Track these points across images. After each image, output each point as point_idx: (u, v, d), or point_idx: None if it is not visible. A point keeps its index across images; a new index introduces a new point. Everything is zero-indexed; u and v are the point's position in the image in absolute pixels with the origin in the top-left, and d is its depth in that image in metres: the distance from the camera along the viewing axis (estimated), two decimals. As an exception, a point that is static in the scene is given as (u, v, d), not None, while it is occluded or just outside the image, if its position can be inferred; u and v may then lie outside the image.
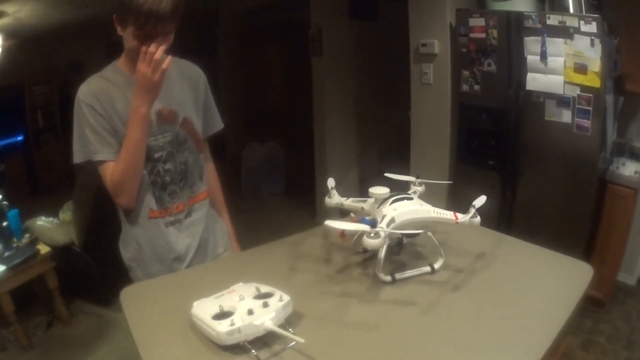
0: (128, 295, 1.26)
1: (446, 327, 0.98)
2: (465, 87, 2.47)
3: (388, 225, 1.08)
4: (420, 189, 1.37)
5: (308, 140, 4.06)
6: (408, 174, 1.40)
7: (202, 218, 1.50)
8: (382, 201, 1.19)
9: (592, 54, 2.04)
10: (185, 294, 1.07)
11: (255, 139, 5.07)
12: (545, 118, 2.25)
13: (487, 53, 2.37)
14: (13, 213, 2.87)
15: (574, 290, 1.07)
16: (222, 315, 0.97)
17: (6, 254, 2.75)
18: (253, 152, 4.97)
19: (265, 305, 0.98)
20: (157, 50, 1.19)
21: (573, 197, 2.25)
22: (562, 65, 2.14)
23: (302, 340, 0.90)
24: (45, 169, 5.72)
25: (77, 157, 1.31)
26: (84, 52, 5.20)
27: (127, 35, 1.24)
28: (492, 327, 0.96)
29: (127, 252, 1.47)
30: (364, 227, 1.00)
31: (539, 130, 2.30)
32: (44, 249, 2.88)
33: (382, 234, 1.00)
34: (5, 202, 2.70)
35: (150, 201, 1.39)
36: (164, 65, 1.22)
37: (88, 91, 1.28)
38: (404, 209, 1.14)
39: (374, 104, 3.96)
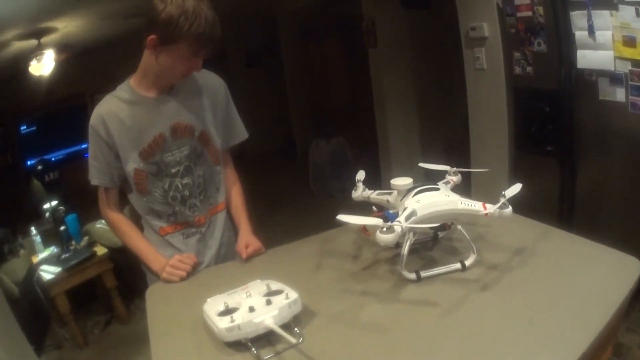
0: (152, 293, 1.34)
1: (465, 331, 0.91)
2: (518, 70, 2.35)
3: (408, 218, 1.01)
4: (455, 178, 1.28)
5: (373, 134, 4.07)
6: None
7: (220, 229, 1.53)
8: (406, 193, 1.12)
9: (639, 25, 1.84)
10: (205, 291, 1.08)
11: (322, 136, 5.08)
12: (600, 98, 2.08)
13: (535, 32, 2.24)
14: (71, 217, 3.06)
15: (618, 290, 0.95)
16: (227, 312, 0.98)
17: (63, 256, 2.91)
18: (319, 149, 5.00)
19: (269, 302, 0.96)
20: (194, 260, 1.34)
21: (635, 183, 2.06)
22: (611, 39, 1.96)
23: (293, 341, 0.88)
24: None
25: (93, 178, 1.40)
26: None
27: (165, 57, 1.24)
28: (518, 332, 0.88)
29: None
30: (377, 221, 0.93)
31: (594, 112, 2.14)
32: (100, 250, 3.05)
33: (398, 229, 0.92)
34: (61, 208, 2.85)
35: (164, 217, 1.44)
36: (192, 258, 1.36)
37: (96, 114, 1.33)
38: (427, 200, 1.06)
39: (436, 94, 3.88)
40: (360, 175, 1.36)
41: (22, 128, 4.33)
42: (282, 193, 5.31)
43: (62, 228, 2.99)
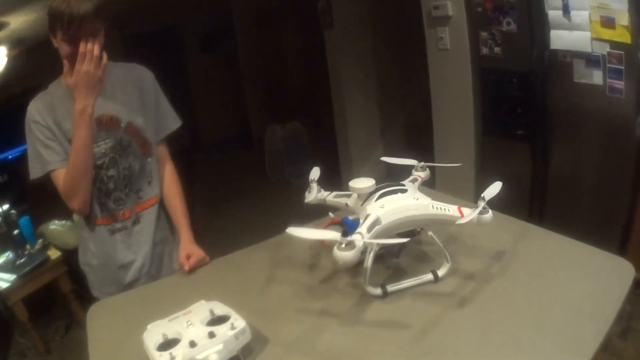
0: (93, 314, 1.19)
1: (441, 357, 0.75)
2: (485, 50, 2.22)
3: (370, 228, 0.85)
4: (423, 174, 1.13)
5: (331, 118, 3.91)
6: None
7: (151, 225, 1.46)
8: (367, 196, 0.96)
9: (619, 5, 1.76)
10: (148, 312, 0.97)
11: (277, 121, 4.87)
12: (575, 80, 1.98)
13: (505, 11, 2.11)
14: (24, 220, 2.82)
15: (612, 301, 0.81)
16: (166, 344, 0.84)
17: (18, 262, 2.69)
18: (275, 135, 4.78)
19: (212, 335, 0.80)
20: (95, 47, 1.23)
21: (610, 168, 2.01)
22: (587, 19, 1.84)
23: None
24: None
25: (34, 173, 1.35)
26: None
27: (60, 44, 1.26)
28: (502, 356, 0.73)
29: (81, 256, 1.50)
30: (334, 236, 0.77)
31: (569, 94, 2.04)
32: (54, 254, 2.84)
33: (359, 244, 0.77)
34: (13, 211, 2.62)
35: (95, 208, 1.39)
36: (104, 60, 1.25)
37: (33, 108, 1.33)
38: (393, 205, 0.91)
39: (397, 76, 3.74)
40: (314, 173, 1.18)
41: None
42: (239, 181, 5.06)
43: (15, 232, 2.77)
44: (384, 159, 1.22)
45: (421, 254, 1.09)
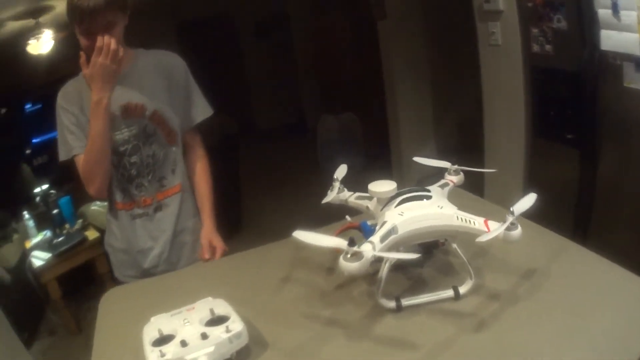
0: (106, 301, 1.23)
1: None
2: (536, 48, 2.09)
3: (385, 237, 0.79)
4: (456, 179, 1.05)
5: (383, 110, 3.85)
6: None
7: (173, 213, 1.48)
8: (388, 201, 0.90)
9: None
10: (158, 303, 0.97)
11: (330, 111, 4.87)
12: (625, 84, 1.82)
13: (555, 7, 1.97)
14: (65, 200, 2.94)
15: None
16: (161, 340, 0.83)
17: (55, 241, 2.81)
18: (328, 125, 4.79)
19: (205, 336, 0.77)
20: (111, 41, 1.25)
21: None
22: (636, 20, 1.68)
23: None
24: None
25: (60, 156, 1.41)
26: (153, 35, 5.35)
27: (78, 36, 1.30)
28: None
29: (106, 237, 1.55)
30: (339, 244, 0.72)
31: (619, 99, 1.87)
32: (92, 234, 2.93)
33: (368, 255, 0.71)
34: (52, 191, 2.73)
35: (117, 193, 1.44)
36: (120, 53, 1.27)
37: (61, 95, 1.40)
38: (414, 213, 0.84)
39: (450, 70, 3.63)
40: (340, 171, 1.13)
41: (26, 107, 4.25)
42: (291, 168, 5.05)
43: (54, 212, 2.88)
44: (416, 159, 1.15)
45: (446, 266, 1.02)
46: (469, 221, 0.82)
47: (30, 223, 2.92)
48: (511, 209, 0.78)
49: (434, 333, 0.81)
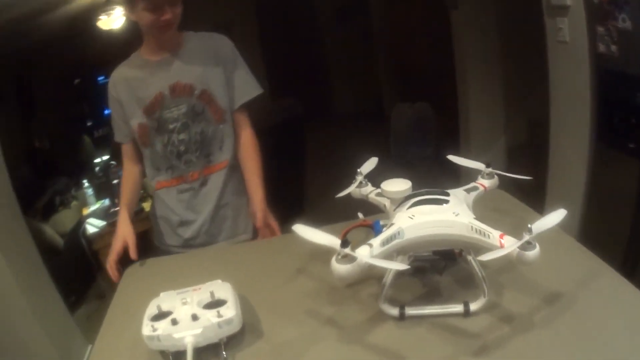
0: (128, 274, 1.31)
1: None
2: (602, 48, 1.94)
3: (388, 241, 0.76)
4: (488, 183, 1.00)
5: (454, 101, 3.81)
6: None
7: (218, 188, 1.56)
8: (402, 201, 0.87)
9: None
10: (176, 280, 0.99)
11: (405, 99, 4.81)
12: None
13: (619, 5, 1.80)
14: (124, 170, 3.07)
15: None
16: (158, 316, 0.87)
17: (111, 210, 2.96)
18: (402, 114, 4.73)
19: (195, 318, 0.78)
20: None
21: None
22: None
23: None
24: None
25: (115, 137, 1.62)
26: (232, 13, 5.60)
27: (140, 14, 1.37)
28: None
29: (151, 207, 1.69)
30: (332, 243, 0.70)
31: None
32: (149, 206, 3.03)
33: (361, 260, 0.69)
34: (113, 162, 2.89)
35: (164, 170, 1.54)
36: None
37: (111, 81, 1.53)
38: (425, 218, 0.80)
39: (522, 64, 3.48)
40: (368, 165, 1.09)
41: (99, 79, 4.54)
42: (363, 155, 5.05)
43: (114, 182, 3.05)
44: (450, 157, 1.10)
45: (467, 278, 0.96)
46: (484, 233, 0.77)
47: (89, 191, 3.12)
48: (529, 226, 0.72)
49: (430, 350, 0.78)
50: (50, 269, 2.35)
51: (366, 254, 0.73)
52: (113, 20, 3.52)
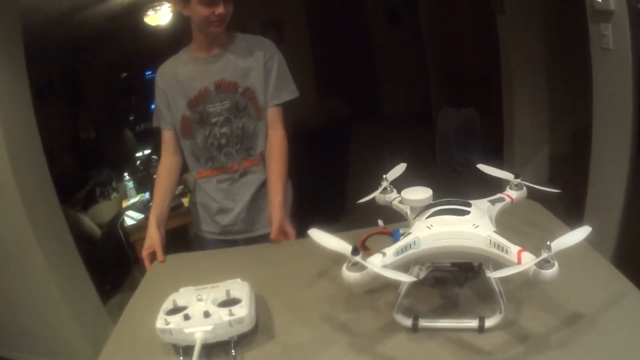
0: (154, 269, 1.38)
1: None
2: None
3: (403, 250, 0.77)
4: (515, 195, 0.99)
5: (499, 107, 3.79)
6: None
7: (256, 180, 1.65)
8: (422, 210, 0.87)
9: None
10: (199, 277, 1.04)
11: (452, 104, 4.85)
12: None
13: None
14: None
15: None
16: (173, 311, 0.91)
17: (150, 203, 3.05)
18: (448, 118, 4.75)
19: (207, 315, 0.82)
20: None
21: None
22: None
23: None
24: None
25: (154, 122, 1.70)
26: (282, 12, 5.77)
27: (194, 8, 1.45)
28: None
29: (191, 196, 1.81)
30: (343, 249, 0.72)
31: None
32: (187, 202, 3.13)
33: (371, 269, 0.71)
34: (154, 157, 2.99)
35: (205, 161, 1.65)
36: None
37: (158, 72, 1.65)
38: (443, 229, 0.80)
39: (568, 71, 3.40)
40: (394, 171, 1.08)
41: (147, 73, 4.72)
42: (408, 159, 5.03)
43: (155, 176, 3.16)
44: (480, 166, 1.09)
45: (487, 292, 0.95)
46: (502, 248, 0.77)
47: (130, 184, 3.24)
48: (548, 243, 0.72)
49: (444, 365, 0.78)
50: (86, 258, 2.46)
51: (377, 262, 0.74)
52: (160, 16, 3.65)
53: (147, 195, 3.23)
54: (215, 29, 1.51)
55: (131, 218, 3.02)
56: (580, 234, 0.75)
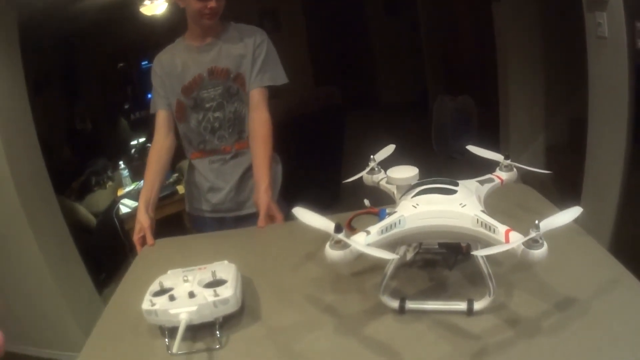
0: (144, 253, 1.39)
1: None
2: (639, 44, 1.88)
3: (387, 229, 0.76)
4: (506, 176, 0.97)
5: (495, 94, 3.78)
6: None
7: (246, 161, 1.70)
8: (408, 189, 0.86)
9: None
10: (188, 259, 1.04)
11: (448, 92, 4.87)
12: None
13: None
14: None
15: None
16: (159, 292, 0.90)
17: (146, 191, 3.05)
18: (443, 107, 4.78)
19: (192, 295, 0.81)
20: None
21: None
22: None
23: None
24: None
25: (151, 109, 1.74)
26: (278, 1, 5.74)
27: (188, 1, 1.53)
28: None
29: (185, 176, 1.90)
30: (326, 227, 0.71)
31: None
32: (183, 189, 3.12)
33: (355, 247, 0.69)
34: (149, 145, 2.97)
35: (198, 144, 1.71)
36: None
37: (155, 59, 1.71)
38: (429, 207, 0.79)
39: (565, 60, 3.39)
40: (382, 152, 1.07)
41: (143, 63, 4.72)
42: (404, 146, 5.06)
43: (149, 162, 3.15)
44: (470, 147, 1.08)
45: (478, 275, 0.94)
46: (489, 227, 0.75)
47: (125, 173, 3.23)
48: (536, 222, 0.70)
49: (426, 347, 0.76)
50: (81, 247, 2.45)
51: (361, 240, 0.73)
52: (156, 6, 3.63)
53: (142, 183, 3.22)
54: (208, 21, 1.57)
55: (126, 206, 3.02)
56: (571, 214, 0.73)
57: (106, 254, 2.99)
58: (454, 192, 0.82)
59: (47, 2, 3.25)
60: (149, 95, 1.78)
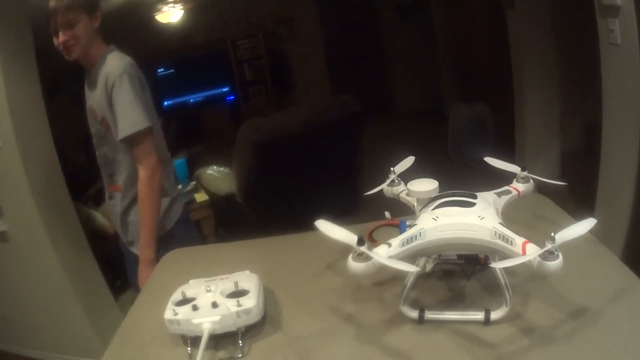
0: (166, 259, 1.38)
1: None
2: None
3: (408, 241, 0.79)
4: (522, 188, 1.00)
5: (509, 103, 3.80)
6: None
7: (120, 206, 1.71)
8: (428, 202, 0.89)
9: None
10: (209, 268, 1.06)
11: (464, 100, 4.91)
12: None
13: None
14: (180, 162, 3.27)
15: None
16: (182, 302, 0.92)
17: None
18: (459, 115, 4.82)
19: (215, 305, 0.83)
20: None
21: None
22: None
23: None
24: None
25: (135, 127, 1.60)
26: (294, 7, 5.81)
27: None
28: None
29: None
30: (349, 240, 0.74)
31: None
32: (201, 197, 3.21)
33: (377, 260, 0.72)
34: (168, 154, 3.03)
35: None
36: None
37: (130, 66, 1.58)
38: (448, 220, 0.82)
39: (580, 67, 3.38)
40: (402, 164, 1.09)
41: (159, 71, 4.78)
42: (421, 154, 5.05)
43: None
44: (488, 159, 1.10)
45: (494, 285, 0.95)
46: (507, 239, 0.78)
47: (141, 179, 3.26)
48: (552, 234, 0.73)
49: (444, 355, 0.78)
50: (98, 253, 2.50)
51: (383, 253, 0.76)
52: (171, 14, 3.69)
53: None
54: (67, 56, 1.55)
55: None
56: (585, 226, 0.75)
57: (122, 260, 3.03)
58: (473, 204, 0.84)
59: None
60: (165, 103, 1.83)
